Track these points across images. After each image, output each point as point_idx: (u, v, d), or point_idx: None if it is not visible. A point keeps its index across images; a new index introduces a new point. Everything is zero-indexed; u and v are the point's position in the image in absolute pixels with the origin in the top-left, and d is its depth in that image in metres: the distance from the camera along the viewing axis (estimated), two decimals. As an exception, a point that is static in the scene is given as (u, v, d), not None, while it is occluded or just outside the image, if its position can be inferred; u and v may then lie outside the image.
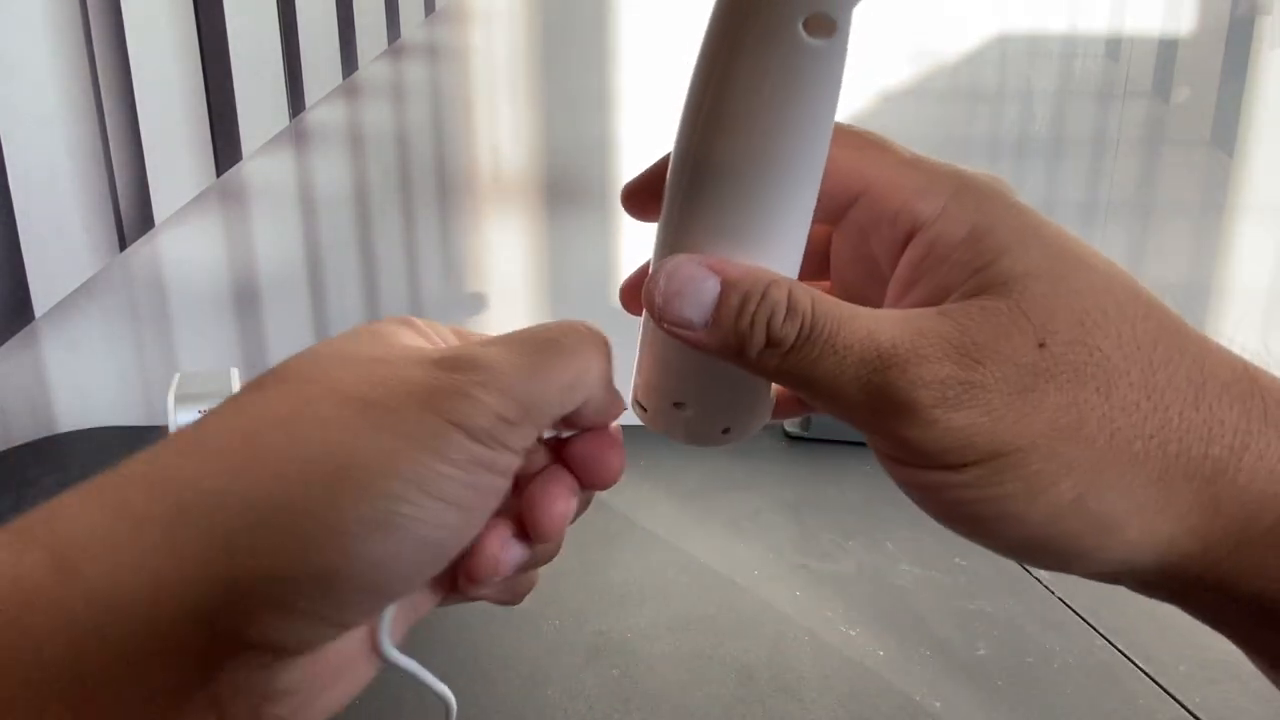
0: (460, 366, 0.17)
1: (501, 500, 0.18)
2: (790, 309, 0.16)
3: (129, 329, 0.69)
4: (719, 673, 0.41)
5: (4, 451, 0.66)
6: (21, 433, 0.69)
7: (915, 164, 0.19)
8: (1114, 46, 0.75)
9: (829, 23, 0.13)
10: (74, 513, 0.15)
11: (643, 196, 0.20)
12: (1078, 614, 0.47)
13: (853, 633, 0.45)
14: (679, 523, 0.58)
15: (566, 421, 0.20)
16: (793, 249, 0.18)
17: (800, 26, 0.13)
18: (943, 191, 0.18)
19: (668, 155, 0.18)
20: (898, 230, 0.18)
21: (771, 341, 0.17)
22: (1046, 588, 0.50)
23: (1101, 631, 0.45)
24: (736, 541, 0.55)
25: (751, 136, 0.15)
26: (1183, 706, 0.39)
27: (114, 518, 0.15)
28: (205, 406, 0.34)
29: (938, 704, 0.39)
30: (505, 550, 0.19)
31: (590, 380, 0.18)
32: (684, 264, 0.17)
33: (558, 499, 0.19)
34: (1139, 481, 0.16)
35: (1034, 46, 0.75)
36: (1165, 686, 0.41)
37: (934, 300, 0.17)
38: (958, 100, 0.75)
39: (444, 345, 0.20)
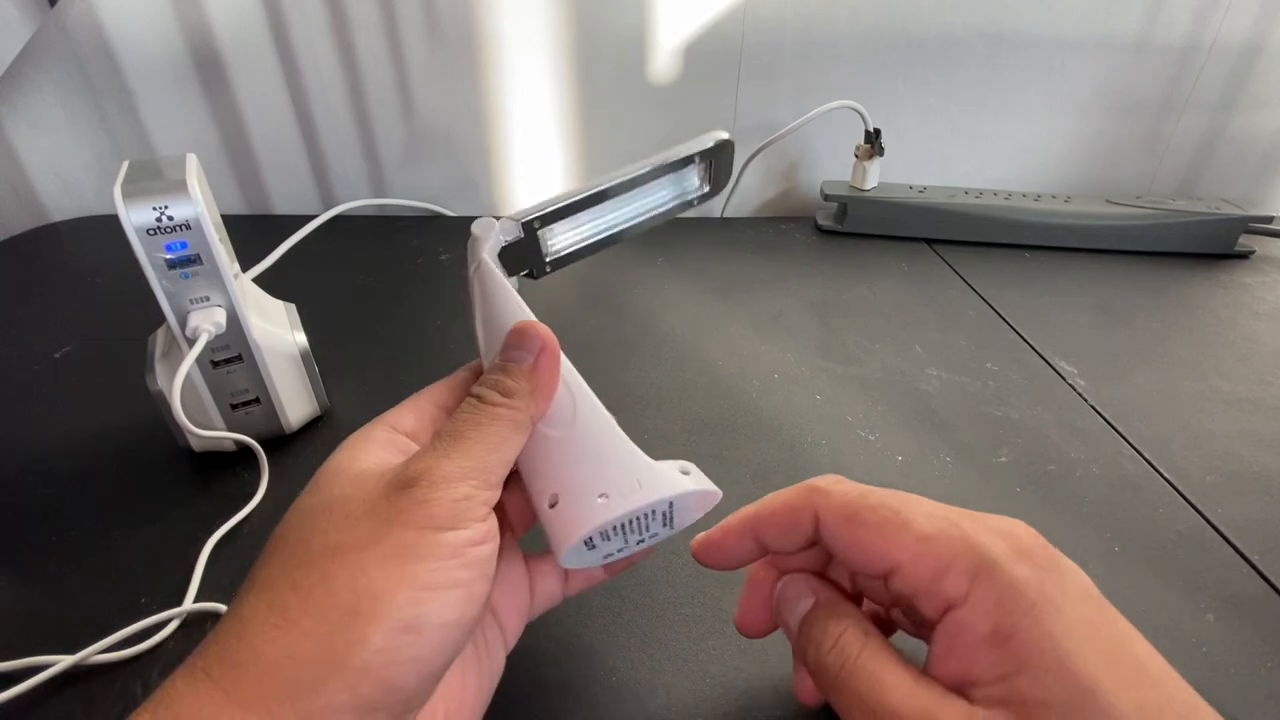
0: (409, 482, 0.21)
1: (493, 563, 0.22)
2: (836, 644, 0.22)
3: (88, 103, 0.63)
4: (735, 474, 0.41)
5: (1, 243, 0.64)
6: (14, 223, 0.66)
7: (932, 540, 0.21)
8: None
9: (480, 264, 0.27)
10: None
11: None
12: (1108, 422, 0.46)
13: (871, 437, 0.44)
14: (699, 323, 0.55)
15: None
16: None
17: (471, 269, 0.27)
18: (964, 571, 0.21)
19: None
20: (934, 604, 0.21)
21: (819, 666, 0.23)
22: (1080, 395, 0.48)
23: (1130, 440, 0.44)
24: (758, 343, 0.53)
25: (480, 297, 0.27)
26: (1203, 516, 0.39)
27: None
28: (159, 201, 0.31)
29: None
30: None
31: (500, 438, 0.23)
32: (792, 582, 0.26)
33: None
34: None
35: None
36: (1188, 496, 0.40)
37: (962, 681, 0.20)
38: None
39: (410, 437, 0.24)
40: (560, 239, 0.30)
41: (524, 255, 0.28)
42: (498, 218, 0.27)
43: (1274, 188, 0.81)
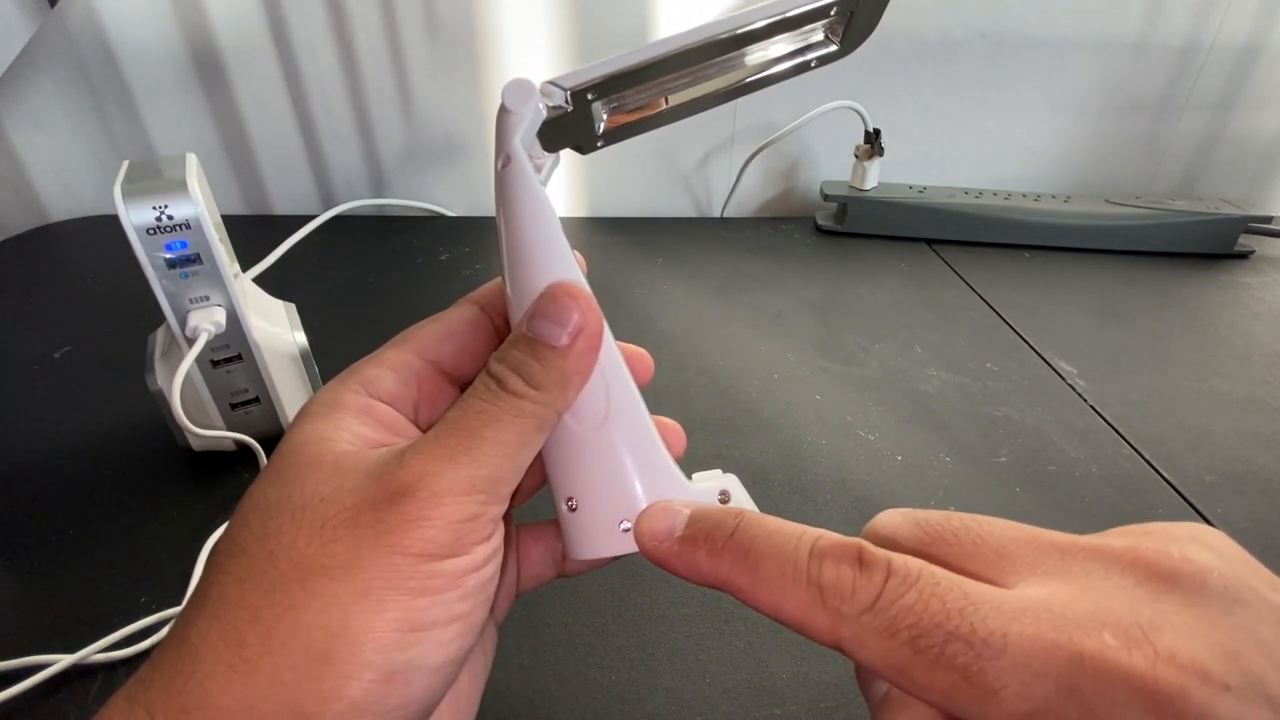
0: (401, 490, 0.17)
1: (495, 581, 0.19)
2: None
3: (88, 103, 0.63)
4: (734, 473, 0.41)
5: (1, 243, 0.64)
6: (14, 224, 0.66)
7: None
8: None
9: (508, 159, 0.21)
10: None
11: None
12: (1108, 422, 0.46)
13: (871, 437, 0.44)
14: (699, 323, 0.55)
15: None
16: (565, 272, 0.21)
17: (499, 164, 0.21)
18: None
19: None
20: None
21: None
22: (1080, 395, 0.48)
23: (1130, 440, 0.44)
24: (758, 343, 0.53)
25: (505, 208, 0.21)
26: (1202, 516, 0.39)
27: None
28: (159, 200, 0.31)
29: (951, 508, 0.39)
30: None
31: (520, 440, 0.19)
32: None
33: None
34: None
35: None
36: (1187, 496, 0.40)
37: None
38: None
39: (389, 401, 0.21)
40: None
41: (568, 129, 0.22)
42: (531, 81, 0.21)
43: (1273, 188, 0.81)
